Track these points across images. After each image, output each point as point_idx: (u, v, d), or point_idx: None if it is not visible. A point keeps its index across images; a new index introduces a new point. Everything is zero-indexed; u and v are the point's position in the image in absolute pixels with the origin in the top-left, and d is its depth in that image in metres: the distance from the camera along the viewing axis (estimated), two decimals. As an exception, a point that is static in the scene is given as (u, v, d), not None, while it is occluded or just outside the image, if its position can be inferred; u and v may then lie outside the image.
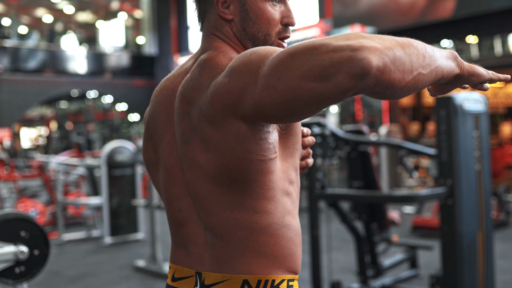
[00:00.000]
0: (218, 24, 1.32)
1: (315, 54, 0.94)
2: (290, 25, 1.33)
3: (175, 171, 1.29)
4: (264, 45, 1.28)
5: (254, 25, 1.29)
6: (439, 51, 1.07)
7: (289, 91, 0.97)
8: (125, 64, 22.35)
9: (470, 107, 3.93)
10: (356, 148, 4.55)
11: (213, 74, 1.18)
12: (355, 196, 4.20)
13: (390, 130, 12.15)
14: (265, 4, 1.29)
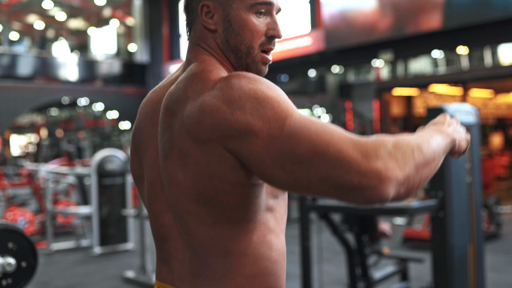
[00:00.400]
0: (202, 34, 1.30)
1: (344, 169, 0.98)
2: (275, 37, 1.30)
3: (157, 185, 1.27)
4: (246, 58, 1.27)
5: (237, 37, 1.26)
6: (443, 140, 1.18)
7: (305, 184, 1.03)
8: (117, 71, 22.30)
9: (461, 118, 3.92)
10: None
11: (200, 88, 1.15)
12: (346, 208, 4.18)
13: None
14: (248, 15, 1.25)
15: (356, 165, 0.98)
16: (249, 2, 1.25)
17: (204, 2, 1.27)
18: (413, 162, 1.03)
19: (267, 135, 1.04)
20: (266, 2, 1.26)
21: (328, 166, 0.99)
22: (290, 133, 1.03)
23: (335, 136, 1.02)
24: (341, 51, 14.49)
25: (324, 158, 1.00)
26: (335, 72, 15.68)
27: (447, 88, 16.43)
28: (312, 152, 1.00)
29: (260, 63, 1.29)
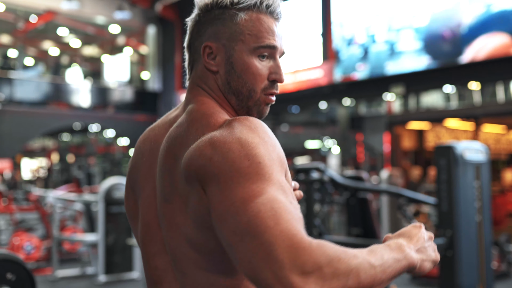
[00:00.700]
0: (203, 75, 1.28)
1: (266, 264, 0.92)
2: (278, 81, 1.28)
3: (152, 227, 1.24)
4: (248, 101, 1.25)
5: (238, 79, 1.25)
6: (397, 263, 1.04)
7: (232, 254, 0.99)
8: (129, 99, 22.43)
9: (471, 156, 3.88)
10: (355, 194, 4.50)
11: (200, 134, 1.14)
12: (352, 245, 4.12)
13: (392, 174, 12.08)
14: (251, 58, 1.24)
15: (279, 267, 0.91)
16: (252, 45, 1.24)
17: (207, 43, 1.26)
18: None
19: (229, 191, 1.01)
20: (269, 46, 1.25)
21: (255, 251, 0.94)
22: (248, 199, 0.99)
23: (280, 226, 0.94)
24: (352, 84, 14.51)
25: (255, 242, 0.94)
26: (346, 104, 15.67)
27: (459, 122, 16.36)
28: (250, 229, 0.95)
29: (262, 104, 1.28)
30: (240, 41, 1.24)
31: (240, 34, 1.24)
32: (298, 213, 1.02)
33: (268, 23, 1.26)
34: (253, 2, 1.25)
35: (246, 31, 1.24)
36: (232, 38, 1.24)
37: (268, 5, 1.26)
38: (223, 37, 1.25)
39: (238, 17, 1.24)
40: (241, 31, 1.24)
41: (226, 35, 1.25)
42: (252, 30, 1.24)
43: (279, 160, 1.09)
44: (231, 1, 1.25)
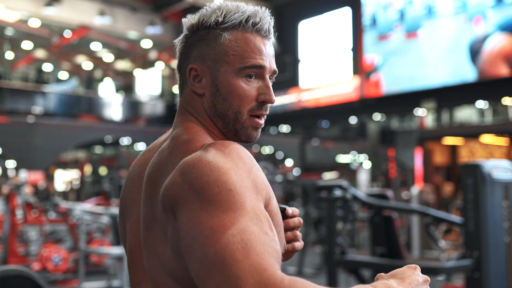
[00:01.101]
0: (190, 98, 1.24)
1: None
2: (267, 102, 1.22)
3: (137, 254, 1.20)
4: (234, 124, 1.20)
5: (224, 102, 1.19)
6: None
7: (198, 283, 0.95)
8: (160, 112, 22.61)
9: (499, 175, 3.76)
10: (379, 212, 4.40)
11: (180, 160, 1.09)
12: (376, 265, 4.02)
13: (423, 190, 11.87)
14: (237, 80, 1.19)
15: None
16: (237, 65, 1.19)
17: (192, 65, 1.22)
18: None
19: (197, 220, 0.96)
20: (256, 66, 1.20)
21: (221, 285, 0.89)
22: (217, 229, 0.93)
23: (250, 259, 0.89)
24: (383, 99, 14.37)
25: (222, 276, 0.89)
26: (377, 119, 15.52)
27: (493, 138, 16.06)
28: (217, 262, 0.90)
29: (250, 128, 1.22)
30: (225, 62, 1.19)
31: (224, 55, 1.19)
32: (274, 245, 0.95)
33: (254, 42, 1.21)
34: (238, 21, 1.20)
35: (230, 51, 1.19)
36: (217, 59, 1.20)
37: (255, 23, 1.21)
38: (207, 59, 1.20)
39: (222, 37, 1.20)
40: (225, 51, 1.19)
41: (211, 57, 1.20)
42: (236, 50, 1.19)
43: (255, 187, 1.03)
44: (216, 21, 1.20)
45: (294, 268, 9.20)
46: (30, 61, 24.26)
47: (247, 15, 1.21)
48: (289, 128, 19.65)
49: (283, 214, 1.29)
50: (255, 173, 1.05)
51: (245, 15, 1.21)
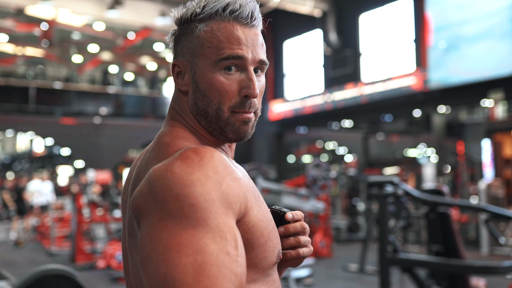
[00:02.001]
0: (177, 96, 1.18)
1: None
2: (250, 97, 1.11)
3: (126, 260, 1.15)
4: (217, 121, 1.12)
5: (204, 98, 1.12)
6: None
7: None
8: (223, 110, 22.78)
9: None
10: (434, 209, 4.22)
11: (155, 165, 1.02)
12: (431, 263, 3.86)
13: (491, 184, 11.44)
14: (215, 73, 1.10)
15: None
16: (213, 58, 1.11)
17: (175, 61, 1.16)
18: None
19: (154, 234, 0.90)
20: (233, 56, 1.10)
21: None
22: (170, 247, 0.88)
23: (200, 284, 0.84)
24: (447, 90, 13.94)
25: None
26: (441, 112, 15.06)
27: None
28: (166, 284, 0.85)
29: (237, 123, 1.13)
30: (201, 55, 1.11)
31: (200, 48, 1.12)
32: (235, 267, 0.88)
33: (232, 30, 1.11)
34: (214, 10, 1.12)
35: (206, 43, 1.11)
36: (194, 53, 1.12)
37: (233, 11, 1.12)
38: (187, 54, 1.14)
39: (198, 29, 1.12)
40: (201, 44, 1.11)
41: (189, 51, 1.13)
42: (212, 41, 1.11)
43: (225, 199, 0.95)
44: (192, 12, 1.13)
45: (356, 266, 9.05)
46: (97, 64, 24.95)
47: (226, 3, 1.12)
48: (352, 123, 19.38)
49: (282, 219, 1.22)
50: (227, 184, 0.97)
51: (223, 3, 1.12)
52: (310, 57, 19.59)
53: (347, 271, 9.01)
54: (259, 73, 1.16)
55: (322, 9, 17.94)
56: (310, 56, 19.56)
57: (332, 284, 8.12)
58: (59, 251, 11.54)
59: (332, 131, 21.74)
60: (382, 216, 3.85)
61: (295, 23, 19.65)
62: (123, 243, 1.18)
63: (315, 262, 8.01)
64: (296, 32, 20.04)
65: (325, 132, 22.18)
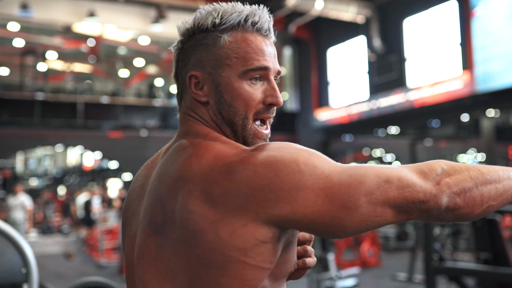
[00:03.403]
0: (193, 106, 1.17)
1: (408, 188, 1.00)
2: (275, 105, 1.16)
3: (133, 271, 1.12)
4: (243, 131, 1.13)
5: (229, 108, 1.13)
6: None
7: (375, 215, 0.99)
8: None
9: None
10: (482, 215, 4.08)
11: (217, 156, 1.03)
12: (478, 272, 3.73)
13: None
14: (241, 83, 1.12)
15: (413, 185, 1.00)
16: (240, 69, 1.12)
17: (192, 72, 1.15)
18: (468, 176, 1.05)
19: (324, 187, 0.97)
20: (260, 67, 1.13)
21: (392, 190, 0.99)
22: (351, 179, 0.98)
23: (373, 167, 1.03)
24: (496, 93, 13.58)
25: (393, 183, 0.99)
26: (490, 115, 14.67)
27: None
28: (380, 179, 0.98)
29: (256, 138, 1.15)
30: (227, 66, 1.13)
31: (226, 59, 1.13)
32: None
33: (256, 42, 1.14)
34: (236, 21, 1.13)
35: (232, 54, 1.12)
36: (218, 64, 1.13)
37: (254, 22, 1.14)
38: (208, 65, 1.14)
39: (222, 40, 1.13)
40: (227, 55, 1.13)
41: (211, 62, 1.14)
42: (238, 52, 1.12)
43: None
44: (213, 23, 1.14)
45: (404, 275, 8.87)
46: (143, 78, 25.34)
47: (245, 14, 1.14)
48: (398, 129, 19.09)
49: None
50: None
51: (243, 14, 1.14)
52: (354, 64, 19.43)
53: (395, 280, 8.83)
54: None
55: (365, 15, 17.77)
56: (355, 63, 19.40)
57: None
58: (108, 263, 11.72)
59: (379, 138, 21.46)
60: (427, 223, 3.75)
61: (338, 30, 19.54)
62: (129, 251, 1.16)
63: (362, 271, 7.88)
64: (340, 40, 19.92)
65: (371, 140, 21.91)
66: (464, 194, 1.03)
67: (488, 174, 1.07)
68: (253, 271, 0.99)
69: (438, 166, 1.05)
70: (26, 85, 22.38)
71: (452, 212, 1.04)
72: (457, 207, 1.03)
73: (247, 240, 0.97)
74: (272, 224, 0.98)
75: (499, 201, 1.08)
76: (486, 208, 1.07)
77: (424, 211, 1.01)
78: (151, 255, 1.06)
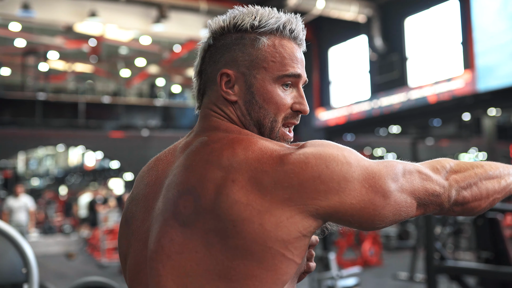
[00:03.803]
0: (220, 103, 1.17)
1: (427, 181, 1.10)
2: (302, 112, 1.19)
3: (143, 267, 1.10)
4: (270, 133, 1.15)
5: (260, 110, 1.14)
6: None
7: (406, 205, 1.06)
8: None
9: None
10: (483, 214, 4.08)
11: (265, 148, 1.04)
12: (479, 271, 3.73)
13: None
14: (275, 87, 1.14)
15: (431, 179, 1.11)
16: (276, 73, 1.14)
17: (224, 70, 1.15)
18: (473, 173, 1.16)
19: (367, 177, 1.03)
20: (294, 75, 1.16)
21: (418, 183, 1.08)
22: (390, 174, 1.05)
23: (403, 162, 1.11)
24: (497, 92, 13.57)
25: (415, 175, 1.08)
26: (491, 114, 14.66)
27: None
28: (406, 171, 1.07)
29: (281, 139, 1.17)
30: (263, 68, 1.14)
31: (263, 61, 1.14)
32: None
33: (292, 49, 1.18)
34: (275, 26, 1.15)
35: (269, 57, 1.14)
36: (253, 65, 1.14)
37: (292, 30, 1.18)
38: (242, 65, 1.15)
39: (260, 42, 1.14)
40: (264, 57, 1.14)
41: (246, 62, 1.15)
42: (276, 56, 1.15)
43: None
44: (251, 24, 1.15)
45: (405, 274, 8.86)
46: (144, 78, 25.35)
47: (284, 21, 1.16)
48: (400, 128, 19.08)
49: None
50: None
51: (282, 20, 1.16)
52: (355, 63, 19.42)
53: (397, 280, 8.83)
54: None
55: (367, 14, 17.76)
56: (356, 62, 19.38)
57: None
58: (109, 263, 11.72)
59: (380, 138, 21.45)
60: (428, 222, 3.75)
61: (340, 29, 19.52)
62: (138, 251, 1.13)
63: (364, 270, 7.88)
64: (341, 39, 19.90)
65: (373, 139, 21.91)
66: (471, 189, 1.14)
67: (490, 171, 1.19)
68: (289, 265, 1.00)
69: (446, 163, 1.15)
70: (27, 85, 22.41)
71: (462, 206, 1.15)
72: (466, 200, 1.14)
73: (290, 232, 0.98)
74: (317, 217, 1.00)
75: (502, 194, 1.22)
76: (492, 201, 1.19)
77: (438, 205, 1.11)
78: (174, 248, 1.03)
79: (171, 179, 1.10)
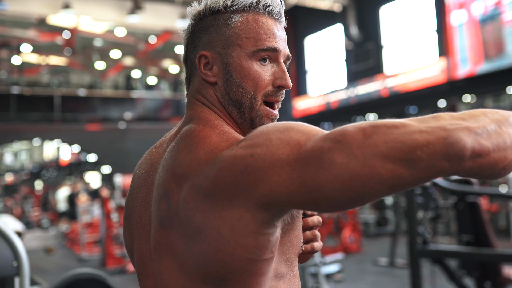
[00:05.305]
0: (201, 87, 1.17)
1: (398, 134, 0.86)
2: (283, 87, 1.15)
3: (149, 260, 1.12)
4: (250, 111, 1.13)
5: (238, 88, 1.12)
6: None
7: (363, 172, 0.85)
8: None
9: None
10: (463, 199, 4.16)
11: (210, 149, 1.00)
12: (461, 253, 3.81)
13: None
14: (251, 63, 1.12)
15: (410, 127, 0.86)
16: (251, 48, 1.12)
17: (202, 52, 1.15)
18: (488, 118, 0.89)
19: (301, 153, 0.90)
20: (271, 48, 1.13)
21: (381, 139, 0.86)
22: (331, 137, 0.89)
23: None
24: (473, 79, 13.75)
25: (373, 132, 0.87)
26: (467, 101, 14.87)
27: None
28: (356, 130, 0.88)
29: (264, 118, 1.14)
30: (237, 45, 1.13)
31: (236, 39, 1.13)
32: None
33: (267, 24, 1.15)
34: (248, 2, 1.14)
35: (243, 34, 1.13)
36: (228, 44, 1.13)
37: (266, 5, 1.15)
38: (218, 45, 1.14)
39: (233, 20, 1.13)
40: (238, 35, 1.13)
41: (221, 42, 1.14)
42: (249, 32, 1.13)
43: None
44: (224, 4, 1.14)
45: (386, 260, 8.98)
46: (120, 70, 25.15)
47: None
48: (376, 116, 19.24)
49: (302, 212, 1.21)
50: None
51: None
52: (331, 52, 19.51)
53: (377, 266, 8.94)
54: None
55: (342, 3, 17.84)
56: (332, 51, 19.47)
57: (362, 279, 8.06)
58: (90, 257, 11.66)
59: (357, 126, 21.60)
60: (410, 208, 3.81)
61: (315, 19, 19.58)
62: (141, 245, 1.15)
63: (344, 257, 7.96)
64: (317, 28, 19.96)
65: (349, 127, 22.06)
66: (488, 134, 0.86)
67: (510, 117, 0.92)
68: (258, 264, 0.98)
69: (444, 114, 0.90)
70: (0, 79, 22.08)
71: (479, 159, 0.84)
72: (485, 150, 0.84)
73: (246, 234, 0.94)
74: (264, 209, 0.93)
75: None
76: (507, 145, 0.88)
77: (442, 157, 0.83)
78: (163, 248, 1.05)
79: (158, 176, 1.10)
